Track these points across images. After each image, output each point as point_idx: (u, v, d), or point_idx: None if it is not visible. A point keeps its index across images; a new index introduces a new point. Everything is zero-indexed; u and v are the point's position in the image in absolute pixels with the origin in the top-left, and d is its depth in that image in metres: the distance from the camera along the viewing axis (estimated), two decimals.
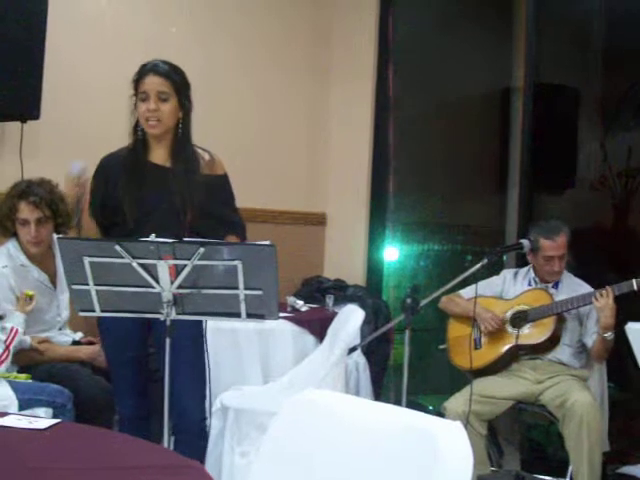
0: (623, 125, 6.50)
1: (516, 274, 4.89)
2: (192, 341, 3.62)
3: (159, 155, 3.64)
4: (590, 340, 4.56)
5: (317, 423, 2.29)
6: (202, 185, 3.59)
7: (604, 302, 4.34)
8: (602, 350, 4.50)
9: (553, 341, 4.59)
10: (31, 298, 4.01)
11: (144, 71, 3.58)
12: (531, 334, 4.62)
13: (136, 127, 3.61)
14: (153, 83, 3.55)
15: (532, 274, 4.77)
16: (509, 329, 4.67)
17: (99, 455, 2.39)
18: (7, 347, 3.79)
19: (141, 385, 3.78)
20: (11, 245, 4.19)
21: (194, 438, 3.71)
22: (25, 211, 4.13)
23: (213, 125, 5.23)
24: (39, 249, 4.19)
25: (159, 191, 3.58)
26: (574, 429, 4.24)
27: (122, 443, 2.61)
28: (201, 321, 3.57)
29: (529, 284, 4.77)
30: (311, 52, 6.48)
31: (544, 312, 4.56)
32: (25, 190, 4.14)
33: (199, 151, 3.69)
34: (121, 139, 3.67)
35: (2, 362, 3.76)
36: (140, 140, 3.62)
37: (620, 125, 6.55)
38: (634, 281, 4.29)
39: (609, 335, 4.37)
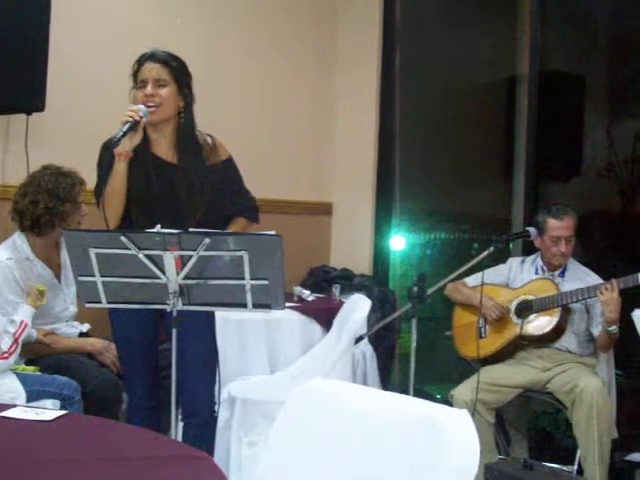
0: (629, 112, 6.48)
1: (523, 262, 4.87)
2: (203, 326, 3.63)
3: (162, 148, 3.60)
4: (596, 330, 4.55)
5: (324, 412, 2.29)
6: (209, 181, 3.59)
7: (609, 296, 4.31)
8: (607, 342, 4.49)
9: (558, 332, 4.57)
10: (42, 294, 4.02)
11: (142, 60, 3.56)
12: (536, 325, 4.61)
13: None
14: (151, 70, 3.53)
15: (539, 262, 4.76)
16: (514, 319, 4.66)
17: (105, 446, 2.39)
18: (16, 340, 3.80)
19: (153, 375, 3.79)
20: (17, 238, 4.19)
21: (204, 424, 3.73)
22: (81, 193, 4.23)
23: (219, 115, 5.22)
24: None
25: (165, 188, 3.56)
26: (584, 414, 4.24)
27: (129, 434, 2.62)
28: None
29: (536, 272, 4.75)
30: (316, 40, 6.46)
31: (549, 303, 4.54)
32: (76, 173, 4.23)
33: (202, 137, 3.66)
34: None
35: (11, 354, 3.76)
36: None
37: (626, 112, 6.53)
38: None
39: (614, 329, 4.35)
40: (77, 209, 4.20)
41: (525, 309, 4.63)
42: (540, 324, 4.59)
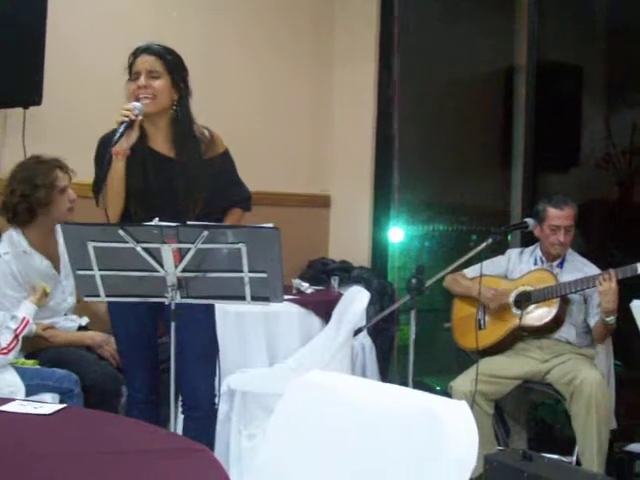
0: (627, 102, 6.48)
1: (522, 253, 4.87)
2: (202, 318, 3.64)
3: (159, 142, 3.60)
4: (593, 321, 4.55)
5: (323, 405, 2.29)
6: (207, 174, 3.59)
7: (607, 286, 4.32)
8: (603, 333, 4.50)
9: (557, 323, 4.58)
10: (47, 295, 4.03)
11: (136, 53, 3.55)
12: (535, 316, 4.61)
13: None
14: (144, 62, 3.52)
15: (538, 252, 4.76)
16: (513, 310, 4.66)
17: (104, 439, 2.39)
18: (16, 336, 3.80)
19: (152, 368, 3.79)
20: (13, 232, 4.19)
21: (204, 416, 3.73)
22: (63, 178, 4.20)
23: (217, 109, 5.21)
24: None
25: (163, 183, 3.56)
26: (582, 407, 4.25)
27: (128, 427, 2.62)
28: None
29: (535, 263, 4.75)
30: (314, 34, 6.45)
31: (547, 294, 4.54)
32: (58, 160, 4.21)
33: (200, 130, 3.65)
34: None
35: (10, 350, 3.76)
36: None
37: (624, 102, 6.52)
38: (639, 265, 4.26)
39: (611, 319, 4.36)
40: (59, 194, 4.17)
41: (524, 300, 4.63)
42: (539, 315, 4.60)
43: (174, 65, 3.57)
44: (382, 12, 6.36)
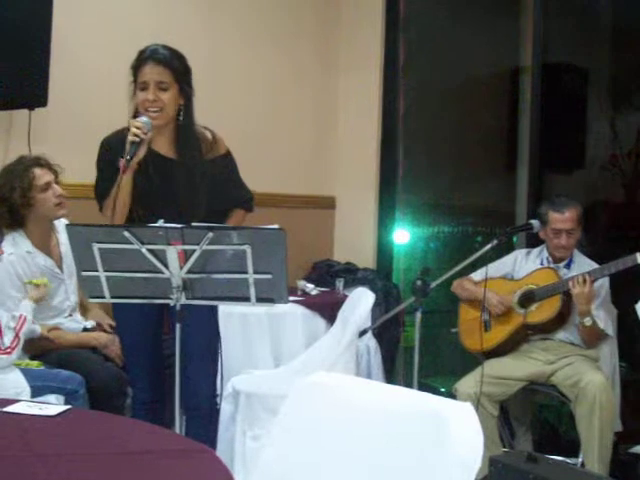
0: (633, 104, 6.47)
1: (528, 253, 4.87)
2: (205, 320, 3.64)
3: (161, 144, 3.61)
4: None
5: (328, 406, 2.29)
6: (209, 176, 3.60)
7: (580, 290, 4.34)
8: (584, 334, 4.50)
9: (561, 319, 4.58)
10: (37, 285, 4.02)
11: (143, 58, 3.53)
12: (538, 313, 4.61)
13: (135, 115, 3.55)
14: (153, 73, 3.50)
15: (545, 253, 4.76)
16: (517, 309, 4.66)
17: (109, 440, 2.40)
18: (17, 334, 3.80)
19: (156, 368, 3.80)
20: (16, 233, 4.20)
21: (205, 416, 3.75)
22: (43, 175, 4.18)
23: (222, 111, 5.22)
24: (66, 210, 4.22)
25: (165, 184, 3.57)
26: (586, 409, 4.25)
27: (133, 428, 2.62)
28: None
29: (541, 263, 4.75)
30: (318, 36, 6.45)
31: (550, 290, 4.55)
32: (38, 158, 4.19)
33: (201, 131, 3.67)
34: None
35: (13, 349, 3.77)
36: None
37: (630, 104, 6.52)
38: (638, 255, 4.25)
39: (587, 320, 4.37)
40: (40, 193, 4.16)
41: (528, 299, 4.63)
42: (542, 311, 4.60)
43: (181, 72, 3.57)
44: (387, 17, 6.35)
